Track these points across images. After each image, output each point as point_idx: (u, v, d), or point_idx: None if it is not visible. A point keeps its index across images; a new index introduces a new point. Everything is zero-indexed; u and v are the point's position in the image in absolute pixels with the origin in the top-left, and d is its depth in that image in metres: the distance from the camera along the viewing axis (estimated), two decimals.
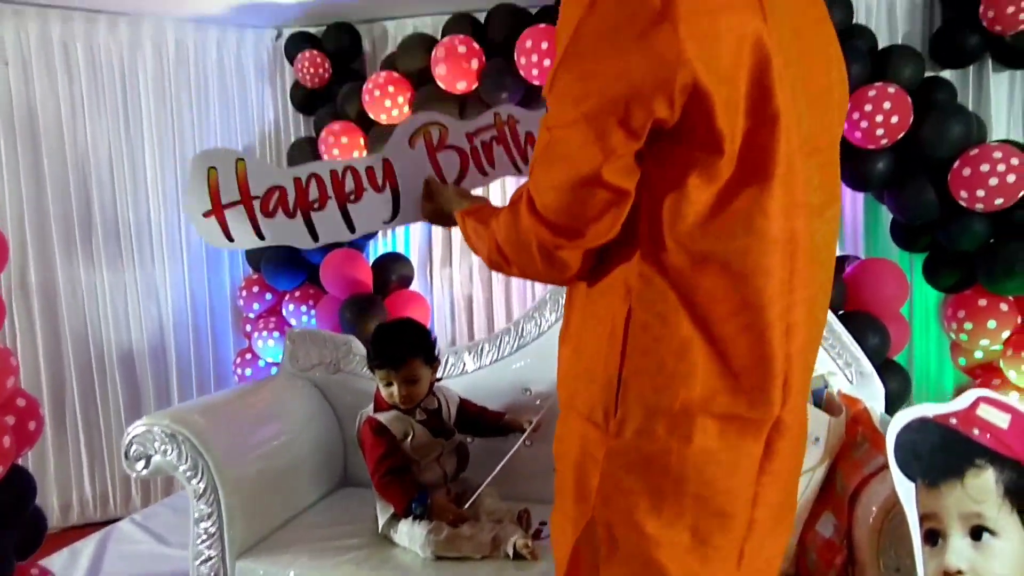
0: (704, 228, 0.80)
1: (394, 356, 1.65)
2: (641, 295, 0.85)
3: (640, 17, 0.74)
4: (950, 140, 2.36)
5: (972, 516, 1.19)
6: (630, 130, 0.78)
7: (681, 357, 0.83)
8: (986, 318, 2.45)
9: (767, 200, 0.79)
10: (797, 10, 0.84)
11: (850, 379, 1.71)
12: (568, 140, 0.82)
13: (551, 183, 0.85)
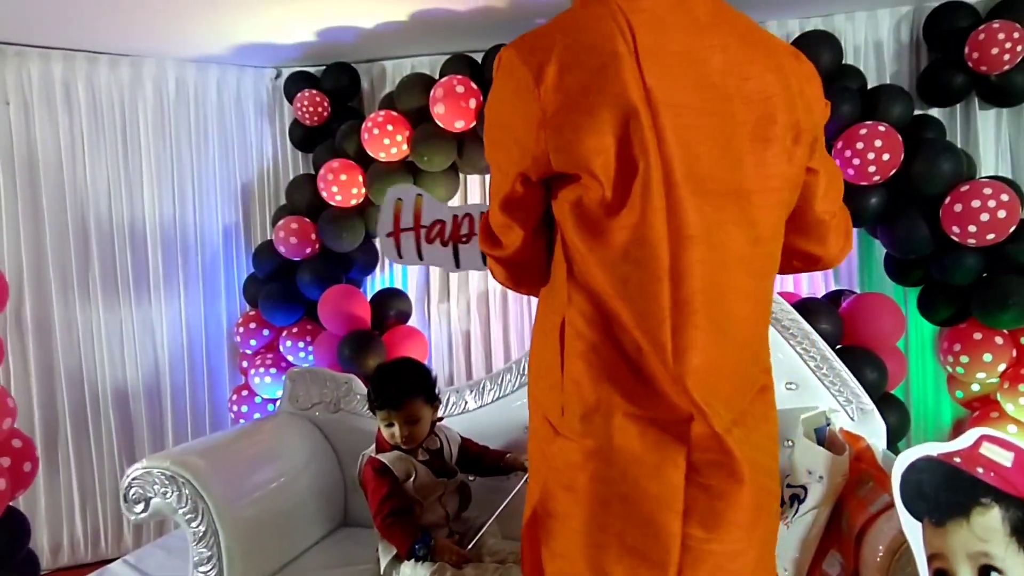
0: (594, 255, 0.94)
1: (394, 397, 1.65)
2: (572, 306, 0.98)
3: (520, 87, 0.92)
4: (940, 176, 2.40)
5: (979, 556, 1.19)
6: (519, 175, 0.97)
7: (600, 363, 0.95)
8: (982, 351, 2.47)
9: (645, 231, 0.90)
10: (701, 61, 0.93)
11: (851, 416, 1.72)
12: (492, 178, 1.07)
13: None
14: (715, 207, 0.93)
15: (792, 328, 1.76)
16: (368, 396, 1.72)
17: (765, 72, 0.96)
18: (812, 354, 1.75)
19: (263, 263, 3.18)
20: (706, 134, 0.92)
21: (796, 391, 1.76)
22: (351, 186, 2.96)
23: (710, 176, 0.92)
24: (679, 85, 0.91)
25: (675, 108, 0.90)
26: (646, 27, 0.92)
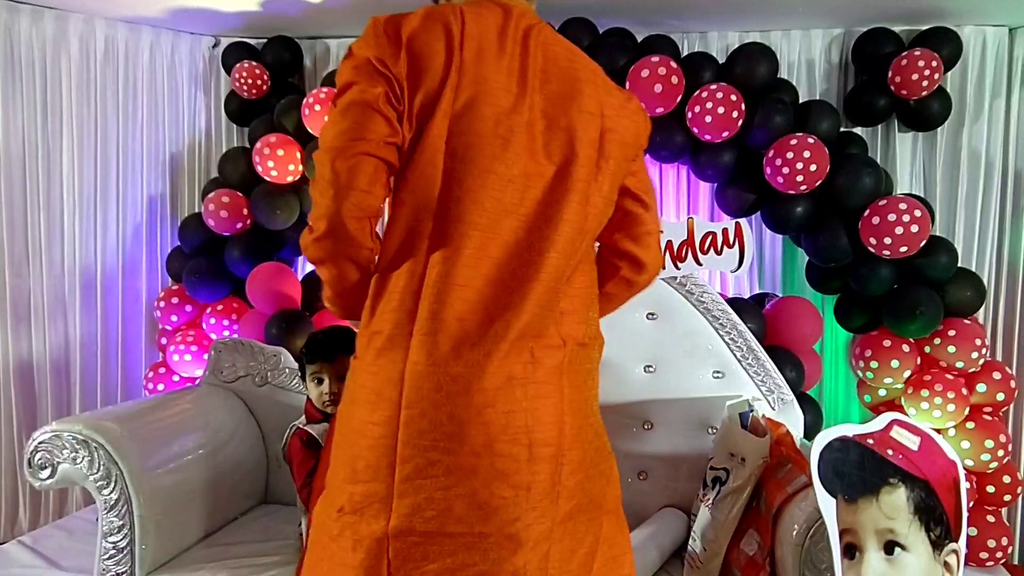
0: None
1: (326, 349, 1.64)
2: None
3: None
4: (862, 190, 2.54)
5: (885, 532, 1.26)
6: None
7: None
8: (890, 358, 2.62)
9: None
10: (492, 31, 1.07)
11: (772, 405, 1.79)
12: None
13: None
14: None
15: (722, 319, 1.83)
16: (299, 358, 1.68)
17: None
18: (739, 344, 1.82)
19: (189, 237, 3.06)
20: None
21: (723, 379, 1.83)
22: (288, 162, 2.89)
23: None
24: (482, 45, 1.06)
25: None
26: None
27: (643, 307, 1.88)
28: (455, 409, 0.97)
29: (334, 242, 1.02)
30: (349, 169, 0.99)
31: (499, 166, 1.04)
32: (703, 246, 1.78)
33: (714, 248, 1.78)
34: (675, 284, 1.84)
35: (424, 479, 0.96)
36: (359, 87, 1.01)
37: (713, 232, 1.77)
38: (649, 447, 1.84)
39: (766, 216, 2.75)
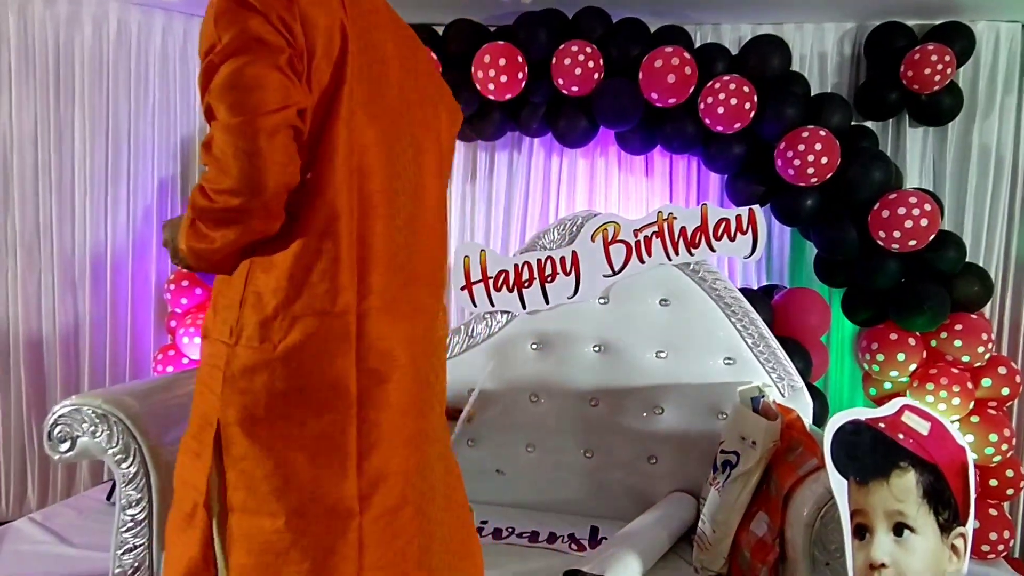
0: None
1: None
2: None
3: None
4: (872, 184, 2.55)
5: (895, 514, 1.28)
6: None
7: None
8: (896, 351, 2.64)
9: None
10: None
11: (783, 392, 1.81)
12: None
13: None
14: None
15: (734, 306, 1.85)
16: None
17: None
18: (751, 332, 1.84)
19: None
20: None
21: (734, 366, 1.84)
22: None
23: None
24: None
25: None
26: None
27: (656, 293, 1.89)
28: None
29: (251, 217, 0.95)
30: (278, 143, 0.93)
31: (400, 139, 1.10)
32: (716, 232, 1.80)
33: (727, 234, 1.79)
34: (688, 271, 1.86)
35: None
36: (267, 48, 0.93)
37: (727, 218, 1.79)
38: (659, 431, 1.86)
39: (775, 208, 2.77)
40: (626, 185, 3.07)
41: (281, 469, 1.00)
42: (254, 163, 0.91)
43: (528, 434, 1.92)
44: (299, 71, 0.96)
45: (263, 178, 0.92)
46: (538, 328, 1.93)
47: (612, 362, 1.89)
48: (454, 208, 3.18)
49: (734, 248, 1.80)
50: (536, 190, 3.12)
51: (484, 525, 1.73)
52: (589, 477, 1.88)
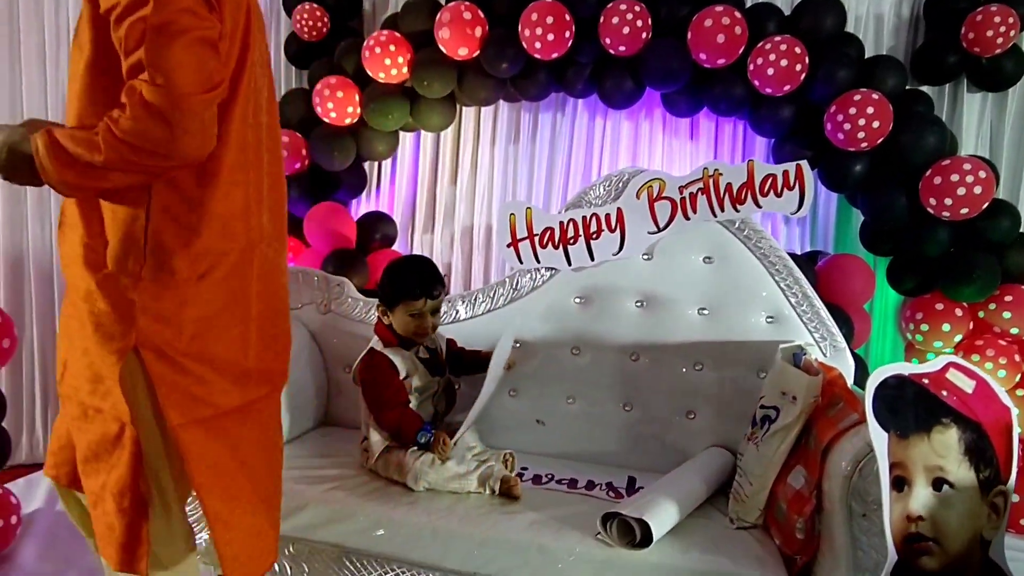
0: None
1: (430, 285, 1.71)
2: None
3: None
4: (925, 149, 2.50)
5: (935, 468, 1.29)
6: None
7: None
8: (942, 321, 2.60)
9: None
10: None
11: (824, 352, 1.82)
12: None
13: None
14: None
15: (778, 265, 1.85)
16: (392, 289, 1.73)
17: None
18: (794, 291, 1.84)
19: None
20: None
21: (776, 324, 1.85)
22: (347, 104, 2.94)
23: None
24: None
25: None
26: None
27: (700, 250, 1.90)
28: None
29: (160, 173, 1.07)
30: (210, 116, 1.06)
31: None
32: (763, 188, 1.78)
33: (774, 190, 1.78)
34: (733, 229, 1.86)
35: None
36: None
37: (773, 174, 1.78)
38: (699, 387, 1.88)
39: (822, 173, 2.73)
40: (670, 148, 3.05)
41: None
42: (183, 135, 1.02)
43: (569, 386, 1.96)
44: (223, 47, 1.09)
45: (190, 151, 1.04)
46: (582, 282, 1.96)
47: (654, 317, 1.91)
48: (497, 169, 3.20)
49: (781, 204, 1.79)
50: (579, 152, 3.12)
51: (524, 471, 1.78)
52: (627, 430, 1.92)
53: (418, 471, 1.62)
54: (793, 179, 1.77)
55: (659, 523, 1.44)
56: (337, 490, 1.60)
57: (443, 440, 1.62)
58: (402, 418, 1.64)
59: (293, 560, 1.58)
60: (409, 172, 3.34)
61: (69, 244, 1.17)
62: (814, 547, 1.44)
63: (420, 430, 1.62)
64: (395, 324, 1.71)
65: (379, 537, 1.52)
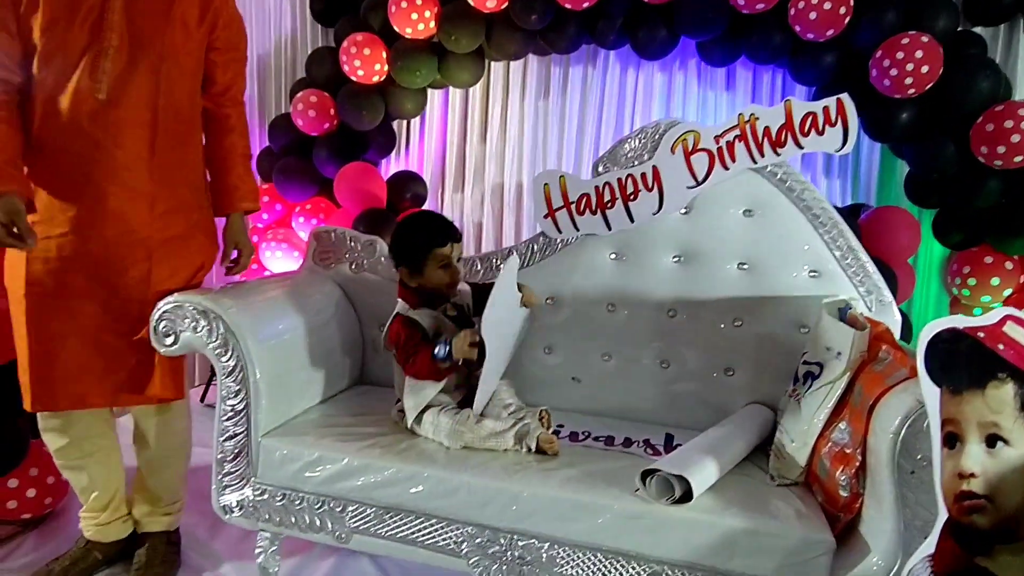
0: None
1: (450, 228, 1.70)
2: None
3: None
4: (977, 94, 2.38)
5: (989, 425, 1.24)
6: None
7: None
8: (990, 275, 2.52)
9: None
10: None
11: (870, 307, 1.76)
12: None
13: None
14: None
15: (822, 217, 1.78)
16: (412, 243, 1.71)
17: None
18: (839, 244, 1.77)
19: (279, 136, 3.13)
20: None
21: (819, 279, 1.79)
22: (374, 61, 2.89)
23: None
24: None
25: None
26: None
27: (740, 203, 1.84)
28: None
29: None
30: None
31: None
32: (803, 128, 1.70)
33: (815, 128, 1.70)
34: (775, 181, 1.79)
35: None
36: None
37: (813, 112, 1.69)
38: (738, 344, 1.84)
39: (866, 123, 2.62)
40: (705, 100, 2.95)
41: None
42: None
43: (605, 343, 1.93)
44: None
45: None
46: (617, 238, 1.91)
47: (691, 273, 1.87)
48: (527, 125, 3.14)
49: (823, 142, 1.71)
50: (611, 106, 3.04)
51: (560, 429, 1.78)
52: (665, 387, 1.89)
53: (454, 430, 1.62)
54: (835, 114, 1.68)
55: (699, 480, 1.43)
56: (374, 447, 1.61)
57: (463, 337, 1.58)
58: (419, 355, 1.63)
59: (331, 516, 1.60)
60: (438, 130, 3.29)
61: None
62: (858, 505, 1.41)
63: (436, 347, 1.60)
64: (426, 281, 1.69)
65: (416, 494, 1.53)
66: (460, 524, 1.52)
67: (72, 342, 1.63)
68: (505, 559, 1.51)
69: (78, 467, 1.80)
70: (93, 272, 1.62)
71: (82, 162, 1.58)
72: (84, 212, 1.59)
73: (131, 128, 1.60)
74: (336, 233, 2.07)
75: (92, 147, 1.57)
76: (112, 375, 1.67)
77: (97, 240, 1.61)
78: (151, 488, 1.89)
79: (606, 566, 1.45)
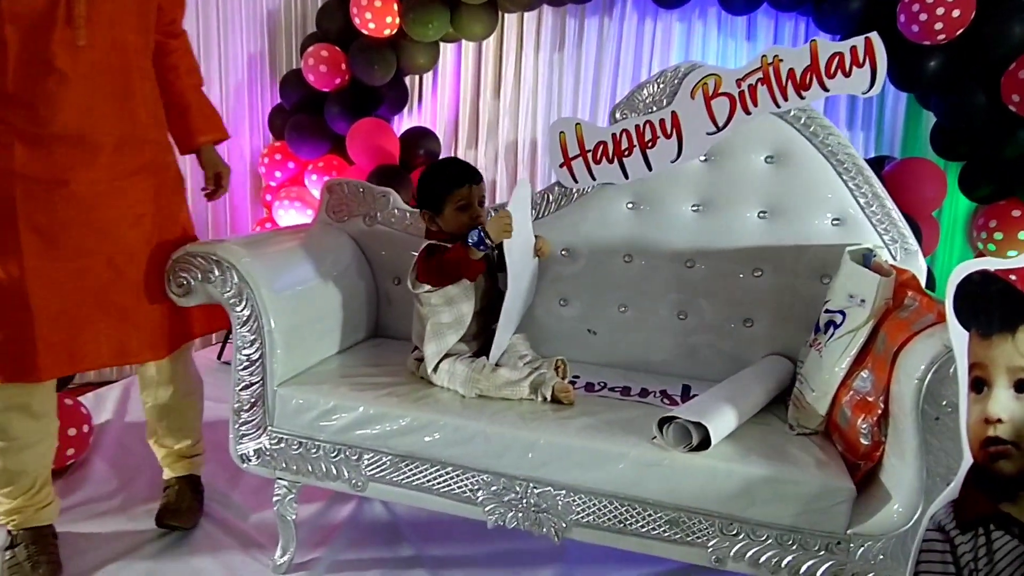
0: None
1: (470, 171, 1.69)
2: None
3: None
4: (1010, 40, 2.30)
5: (1019, 370, 1.20)
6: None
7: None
8: (1018, 229, 2.46)
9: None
10: None
11: (894, 256, 1.72)
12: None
13: None
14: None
15: (847, 163, 1.73)
16: (431, 187, 1.69)
17: None
18: (863, 191, 1.73)
19: (290, 93, 3.10)
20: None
21: (842, 227, 1.75)
22: (385, 14, 2.83)
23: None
24: None
25: None
26: None
27: (762, 150, 1.79)
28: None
29: None
30: None
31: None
32: (829, 70, 1.64)
33: (842, 70, 1.64)
34: (799, 125, 1.74)
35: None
36: None
37: (840, 52, 1.62)
38: (757, 294, 1.81)
39: (892, 72, 2.54)
40: (725, 50, 2.87)
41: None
42: None
43: (621, 294, 1.90)
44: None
45: None
46: (634, 187, 1.87)
47: (711, 222, 1.83)
48: (541, 80, 3.08)
49: (850, 84, 1.64)
50: (627, 58, 2.97)
51: (576, 379, 1.76)
52: (682, 338, 1.87)
53: (470, 378, 1.61)
54: (863, 55, 1.62)
55: (717, 427, 1.41)
56: (390, 396, 1.61)
57: (498, 218, 1.54)
58: (455, 249, 1.61)
59: (347, 464, 1.60)
60: (451, 86, 3.24)
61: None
62: (879, 453, 1.39)
63: (471, 234, 1.56)
64: (446, 223, 1.67)
65: (431, 442, 1.53)
66: (476, 472, 1.52)
67: (82, 301, 1.58)
68: (521, 506, 1.51)
69: (28, 446, 1.65)
70: (96, 228, 1.59)
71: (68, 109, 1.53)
72: (78, 162, 1.56)
73: (107, 73, 1.56)
74: (349, 185, 2.05)
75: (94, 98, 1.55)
76: (121, 331, 1.64)
77: (101, 194, 1.58)
78: (172, 431, 1.91)
79: (622, 513, 1.45)
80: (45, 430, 1.69)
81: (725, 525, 1.40)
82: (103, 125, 1.57)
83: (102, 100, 1.57)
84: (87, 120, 1.55)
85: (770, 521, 1.39)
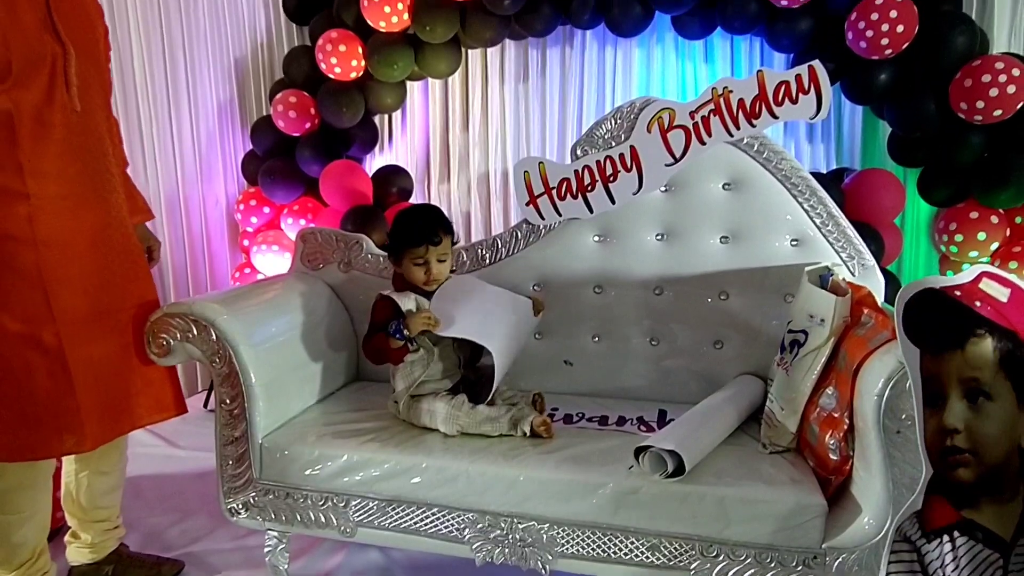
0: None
1: (431, 231, 1.69)
2: None
3: None
4: (954, 50, 2.38)
5: (970, 380, 1.26)
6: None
7: None
8: (977, 230, 2.53)
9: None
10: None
11: (853, 272, 1.78)
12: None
13: None
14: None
15: (800, 186, 1.79)
16: (394, 238, 1.73)
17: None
18: (819, 211, 1.79)
19: (261, 139, 3.14)
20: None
21: (800, 247, 1.81)
22: (351, 58, 2.89)
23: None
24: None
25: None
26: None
27: (719, 177, 1.85)
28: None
29: None
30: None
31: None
32: (777, 98, 1.71)
33: (789, 97, 1.71)
34: (752, 152, 1.80)
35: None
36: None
37: (786, 80, 1.70)
38: (725, 316, 1.86)
39: (846, 86, 2.63)
40: (685, 73, 2.95)
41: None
42: None
43: (594, 325, 1.95)
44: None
45: None
46: (600, 220, 1.93)
47: (675, 250, 1.89)
48: (508, 111, 3.14)
49: (798, 111, 1.72)
50: (591, 86, 3.04)
51: (555, 411, 1.80)
52: (656, 364, 1.92)
53: (450, 415, 1.64)
54: (808, 82, 1.69)
55: (691, 453, 1.45)
56: (373, 441, 1.64)
57: (418, 317, 1.62)
58: (373, 337, 1.67)
59: (335, 512, 1.63)
60: (420, 123, 3.30)
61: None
62: (848, 467, 1.43)
63: (390, 324, 1.63)
64: (405, 275, 1.72)
65: (416, 484, 1.56)
66: (461, 511, 1.55)
67: (108, 366, 1.58)
68: (507, 542, 1.54)
69: (30, 517, 1.62)
70: (113, 290, 1.60)
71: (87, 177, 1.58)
72: (97, 226, 1.58)
73: (92, 136, 1.58)
74: (322, 234, 2.09)
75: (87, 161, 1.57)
76: (134, 395, 1.64)
77: (107, 252, 1.59)
78: (109, 507, 1.88)
79: (605, 542, 1.48)
80: (44, 499, 1.66)
81: (705, 547, 1.44)
82: (96, 186, 1.59)
83: (92, 161, 1.58)
84: (80, 184, 1.55)
85: (748, 540, 1.42)
